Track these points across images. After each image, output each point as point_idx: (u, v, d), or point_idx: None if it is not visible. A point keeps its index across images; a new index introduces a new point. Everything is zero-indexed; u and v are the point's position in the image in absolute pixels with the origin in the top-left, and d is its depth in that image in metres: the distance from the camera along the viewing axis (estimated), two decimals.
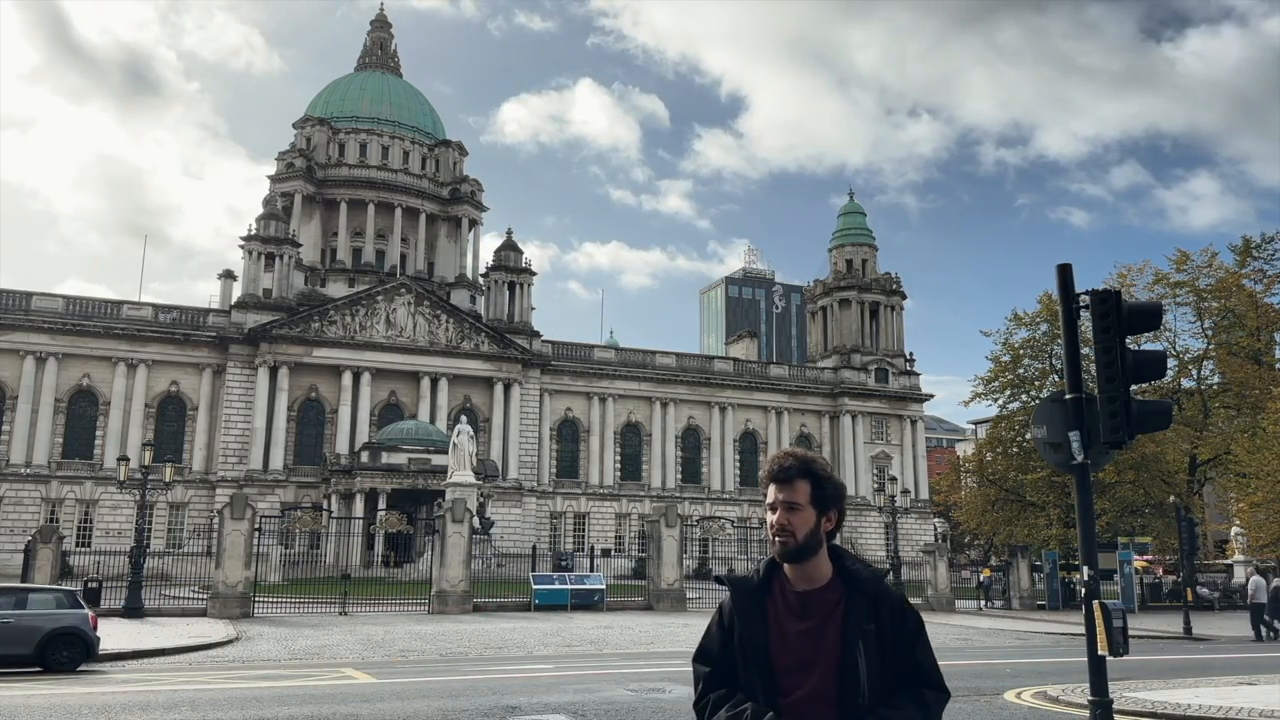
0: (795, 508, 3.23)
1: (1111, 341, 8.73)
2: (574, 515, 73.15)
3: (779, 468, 3.31)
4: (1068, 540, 46.99)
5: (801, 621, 3.21)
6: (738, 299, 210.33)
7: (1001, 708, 13.91)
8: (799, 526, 3.22)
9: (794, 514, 3.23)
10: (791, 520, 3.22)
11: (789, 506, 3.24)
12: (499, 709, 13.17)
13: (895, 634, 3.23)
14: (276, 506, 57.20)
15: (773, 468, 3.33)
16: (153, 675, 17.53)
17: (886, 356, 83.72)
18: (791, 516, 3.23)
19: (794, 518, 3.23)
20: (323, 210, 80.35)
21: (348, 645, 23.27)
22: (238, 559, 31.61)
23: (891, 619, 3.24)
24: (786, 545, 3.23)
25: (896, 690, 3.19)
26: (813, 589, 3.25)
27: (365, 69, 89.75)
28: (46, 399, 61.25)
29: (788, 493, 3.25)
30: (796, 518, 3.23)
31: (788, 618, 3.22)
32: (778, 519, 3.24)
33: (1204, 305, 51.00)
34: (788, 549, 3.23)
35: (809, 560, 3.25)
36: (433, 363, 68.72)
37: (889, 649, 3.20)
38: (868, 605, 3.22)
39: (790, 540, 3.22)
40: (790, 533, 3.22)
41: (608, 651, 22.64)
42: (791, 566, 3.27)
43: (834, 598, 3.24)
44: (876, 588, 3.26)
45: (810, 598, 3.24)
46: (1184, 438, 47.90)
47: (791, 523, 3.22)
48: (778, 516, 3.24)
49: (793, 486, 3.25)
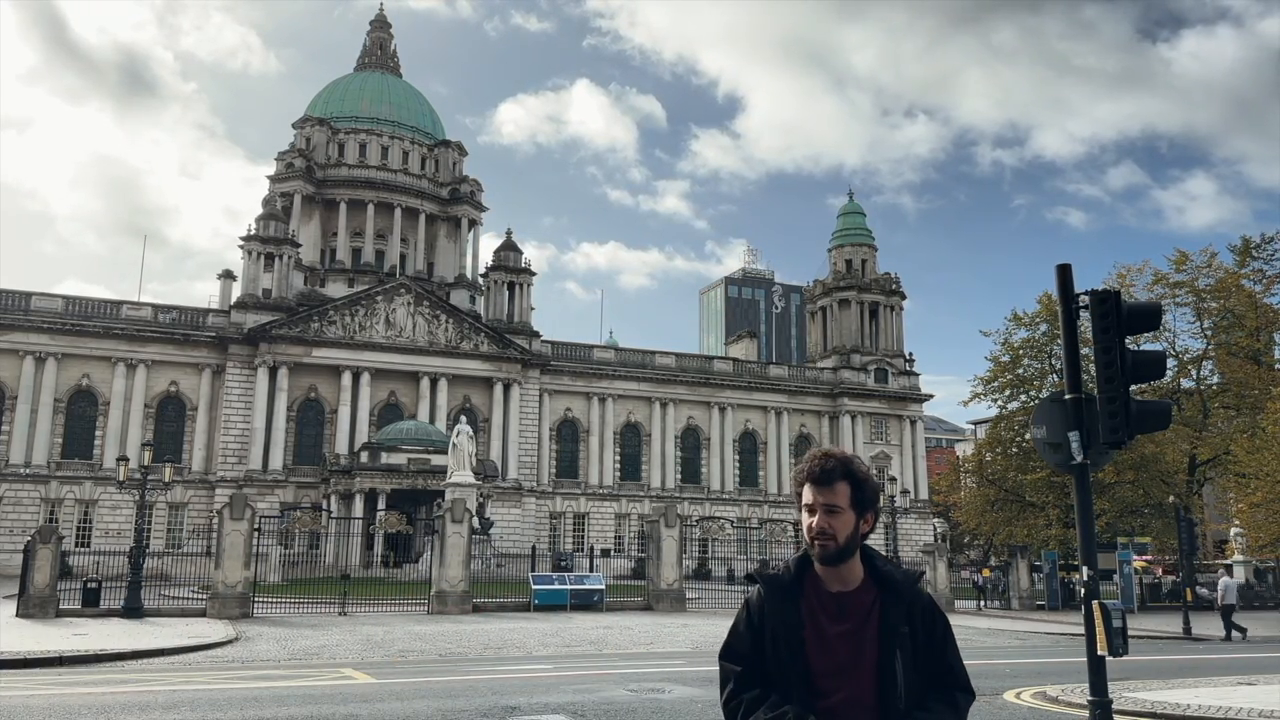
0: (836, 510, 3.14)
1: (1111, 342, 8.73)
2: (573, 515, 73.16)
3: (820, 469, 3.17)
4: (1067, 540, 47.00)
5: (839, 624, 3.14)
6: (737, 299, 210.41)
7: (1001, 708, 13.90)
8: (840, 530, 3.13)
9: (834, 517, 3.13)
10: (832, 524, 3.12)
11: (829, 509, 3.13)
12: (498, 709, 13.17)
13: (927, 637, 3.20)
14: (276, 507, 57.19)
15: (812, 468, 3.19)
16: (152, 675, 17.51)
17: (886, 357, 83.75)
18: (832, 520, 3.13)
19: (835, 521, 3.13)
20: (322, 210, 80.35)
21: (347, 645, 23.26)
22: (237, 559, 31.59)
23: (924, 622, 3.20)
24: (827, 549, 3.13)
25: (927, 692, 3.16)
26: (847, 590, 3.18)
27: (365, 69, 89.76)
28: (46, 399, 61.25)
29: (828, 495, 3.14)
30: (838, 521, 3.13)
31: (824, 619, 3.14)
32: (818, 522, 3.13)
33: (1203, 305, 51.05)
34: (828, 552, 3.14)
35: (846, 562, 3.18)
36: (432, 363, 68.71)
37: (921, 652, 3.16)
38: (903, 608, 3.16)
39: (831, 544, 3.13)
40: (831, 536, 3.12)
41: (607, 652, 22.62)
42: (826, 568, 3.19)
43: (869, 600, 3.17)
44: (911, 591, 3.21)
45: (846, 599, 3.17)
46: (1183, 438, 47.93)
47: (832, 526, 3.12)
48: (818, 520, 3.13)
49: (833, 489, 3.15)
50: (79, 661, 19.63)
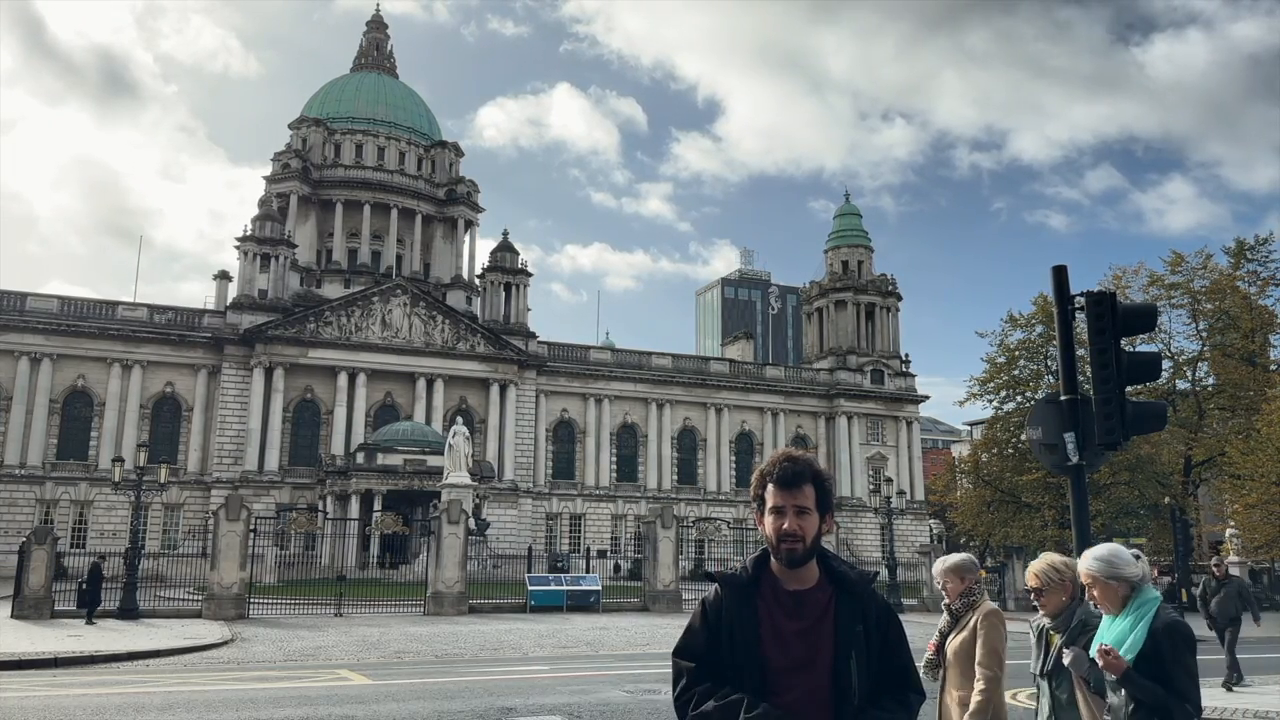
0: (806, 512, 3.16)
1: (1106, 343, 8.74)
2: (570, 516, 73.10)
3: (791, 472, 3.18)
4: (1063, 541, 46.99)
5: (796, 621, 3.15)
6: (734, 300, 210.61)
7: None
8: (809, 531, 3.15)
9: (804, 519, 3.16)
10: (803, 525, 3.15)
11: (800, 511, 3.15)
12: (494, 710, 13.17)
13: (882, 638, 3.22)
14: (272, 508, 57.08)
15: (782, 471, 3.19)
16: (148, 677, 17.48)
17: (882, 358, 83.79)
18: (803, 522, 3.15)
19: (805, 523, 3.15)
20: (318, 211, 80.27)
21: (343, 647, 23.23)
22: (233, 560, 31.55)
23: (878, 621, 3.23)
24: (795, 551, 3.15)
25: (881, 691, 3.18)
26: (804, 589, 3.20)
27: (361, 69, 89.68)
28: (41, 400, 61.10)
29: (799, 498, 3.16)
30: (807, 523, 3.16)
31: (781, 617, 3.16)
32: (789, 525, 3.14)
33: (1199, 307, 51.14)
34: (796, 555, 3.15)
35: (809, 562, 3.21)
36: (428, 364, 68.62)
37: (876, 652, 3.18)
38: (858, 607, 3.19)
39: (799, 546, 3.14)
40: (800, 539, 3.14)
41: (603, 653, 22.62)
42: (787, 569, 3.21)
43: (824, 598, 3.19)
44: (865, 589, 3.24)
45: (802, 597, 3.19)
46: (1179, 439, 48.05)
47: (803, 528, 3.15)
48: (789, 522, 3.15)
49: (802, 491, 3.17)
50: (74, 663, 19.59)
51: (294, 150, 79.63)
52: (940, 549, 46.79)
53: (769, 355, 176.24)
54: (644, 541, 40.35)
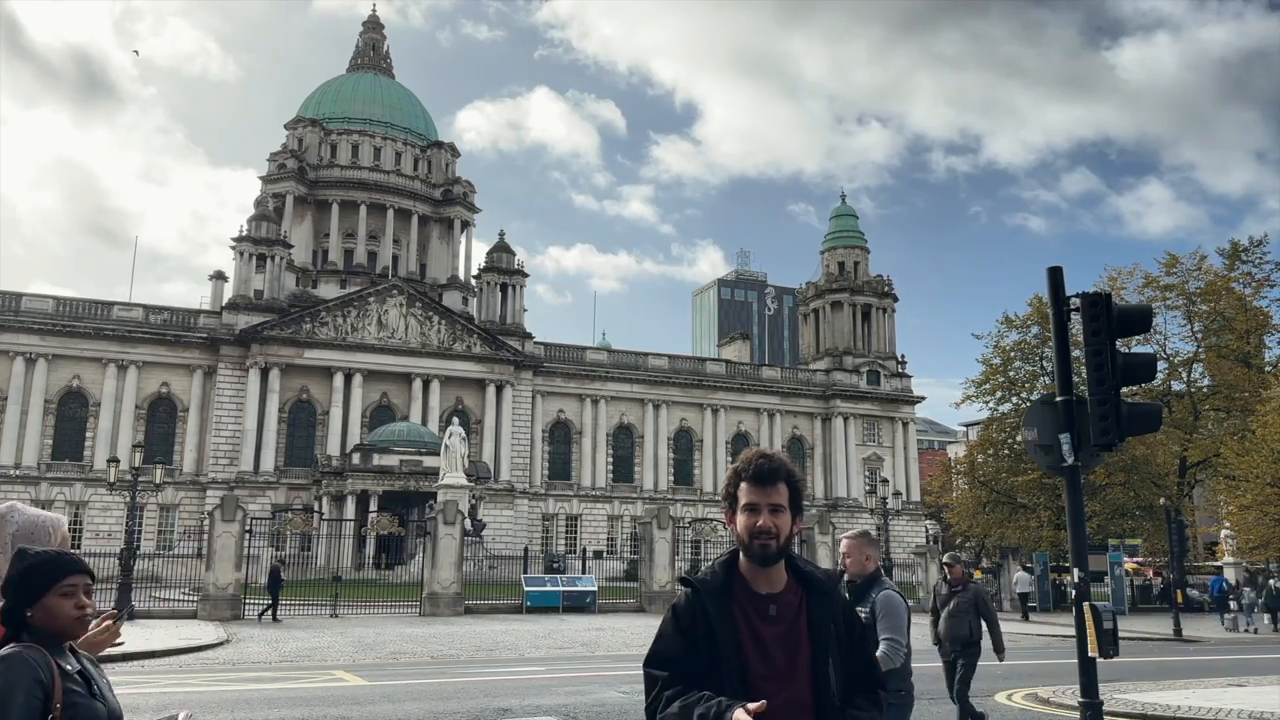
0: (779, 510, 3.15)
1: (1102, 344, 8.74)
2: (566, 517, 73.07)
3: (766, 468, 3.17)
4: (1059, 542, 47.12)
5: (773, 626, 3.12)
6: (730, 301, 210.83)
7: (992, 709, 13.92)
8: (783, 529, 3.14)
9: (778, 516, 3.14)
10: (777, 523, 3.13)
11: (775, 508, 3.14)
12: (490, 711, 13.16)
13: (849, 635, 3.22)
14: (267, 508, 56.92)
15: (757, 468, 3.18)
16: (143, 677, 17.44)
17: (878, 359, 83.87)
18: (777, 519, 3.13)
19: (778, 520, 3.13)
20: (314, 211, 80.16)
21: (338, 647, 23.21)
22: (228, 561, 31.52)
23: (846, 620, 3.23)
24: (769, 549, 3.12)
25: (853, 690, 3.18)
26: (775, 592, 3.17)
27: (358, 70, 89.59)
28: (36, 400, 60.97)
29: (773, 495, 3.15)
30: (781, 520, 3.14)
31: (758, 623, 3.11)
32: (763, 522, 3.12)
33: (1194, 308, 51.19)
34: (769, 552, 3.12)
35: (777, 563, 3.17)
36: (424, 364, 68.56)
37: (845, 650, 3.18)
38: (829, 607, 3.18)
39: (773, 544, 3.12)
40: (774, 536, 3.12)
41: (600, 654, 22.62)
42: (757, 569, 3.16)
43: (796, 601, 3.17)
44: (833, 588, 3.23)
45: (775, 600, 3.16)
46: (1174, 440, 48.09)
47: (777, 525, 3.12)
48: (763, 519, 3.12)
49: (776, 488, 3.16)
50: None
51: (290, 150, 79.52)
52: (936, 550, 46.86)
53: (765, 356, 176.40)
54: (640, 542, 40.37)
